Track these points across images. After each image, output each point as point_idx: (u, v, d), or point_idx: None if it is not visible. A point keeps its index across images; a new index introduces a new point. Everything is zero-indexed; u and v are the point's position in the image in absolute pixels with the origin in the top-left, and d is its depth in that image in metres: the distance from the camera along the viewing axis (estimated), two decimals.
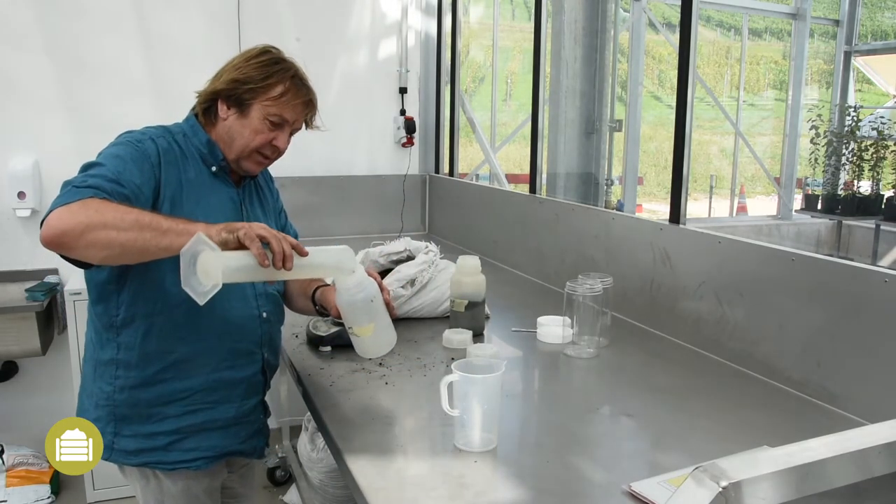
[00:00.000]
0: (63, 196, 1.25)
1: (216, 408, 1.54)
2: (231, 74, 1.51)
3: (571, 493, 1.21)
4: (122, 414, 1.49)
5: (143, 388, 1.48)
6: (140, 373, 1.48)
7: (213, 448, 1.55)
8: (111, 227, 1.23)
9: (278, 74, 1.52)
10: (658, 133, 12.48)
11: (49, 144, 3.13)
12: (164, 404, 1.49)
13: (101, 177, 1.30)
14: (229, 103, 1.52)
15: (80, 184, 1.28)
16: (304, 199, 3.53)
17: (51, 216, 1.22)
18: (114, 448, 1.50)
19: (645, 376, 1.77)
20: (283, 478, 3.16)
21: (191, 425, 1.52)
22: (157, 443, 1.50)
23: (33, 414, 3.16)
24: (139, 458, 1.51)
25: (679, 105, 2.04)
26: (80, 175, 1.32)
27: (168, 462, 1.52)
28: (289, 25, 3.49)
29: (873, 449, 0.67)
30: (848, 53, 7.22)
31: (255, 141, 1.53)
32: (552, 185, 3.44)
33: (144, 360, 1.47)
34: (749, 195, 9.49)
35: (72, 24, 3.12)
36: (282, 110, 1.52)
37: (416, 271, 2.09)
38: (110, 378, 1.49)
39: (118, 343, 1.47)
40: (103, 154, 1.39)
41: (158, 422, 1.50)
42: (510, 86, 13.39)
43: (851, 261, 1.60)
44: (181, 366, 1.49)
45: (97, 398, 1.51)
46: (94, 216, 1.22)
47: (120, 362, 1.48)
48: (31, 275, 3.12)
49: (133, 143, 1.42)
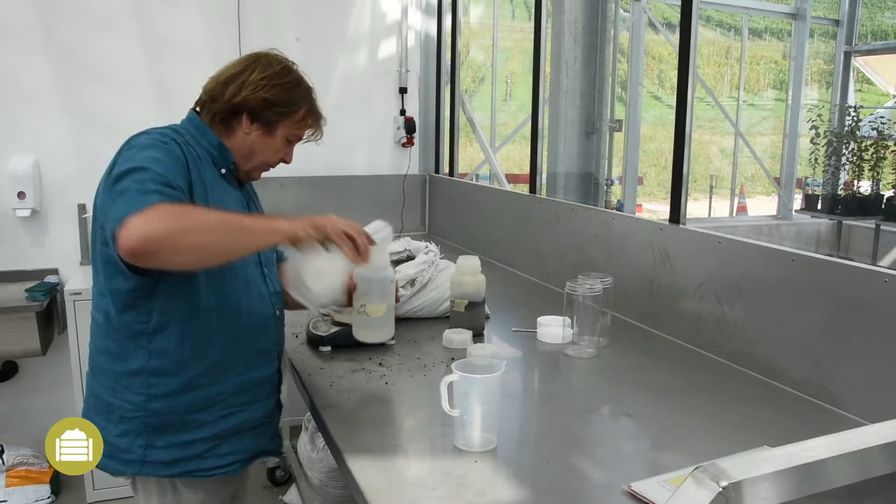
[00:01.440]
0: (130, 203, 1.21)
1: (248, 409, 1.54)
2: (260, 93, 1.51)
3: (571, 493, 1.21)
4: (154, 424, 1.44)
5: (179, 394, 1.44)
6: (176, 379, 1.44)
7: (247, 450, 1.54)
8: (198, 230, 1.24)
9: (304, 99, 1.57)
10: (658, 133, 12.48)
11: (49, 144, 3.14)
12: (200, 410, 1.46)
13: (155, 181, 1.27)
14: (255, 120, 1.53)
15: (141, 189, 1.23)
16: (304, 199, 3.53)
17: (130, 225, 1.18)
18: (146, 461, 1.44)
19: (645, 376, 1.77)
20: (283, 478, 3.16)
21: (226, 429, 1.50)
22: (193, 451, 1.46)
23: (33, 414, 3.16)
24: (175, 468, 1.46)
25: (679, 105, 2.04)
26: (131, 180, 1.27)
27: (205, 469, 1.48)
28: (289, 25, 3.49)
29: (873, 449, 0.67)
30: (848, 53, 7.22)
31: (273, 158, 1.59)
32: (552, 185, 3.44)
33: (180, 365, 1.44)
34: (749, 195, 9.49)
35: (72, 24, 3.12)
36: (300, 130, 1.59)
37: (416, 271, 2.09)
38: (140, 388, 1.43)
39: (150, 350, 1.43)
40: (140, 158, 1.32)
41: (195, 429, 1.46)
42: (510, 86, 13.39)
43: (851, 261, 1.60)
44: (215, 369, 1.47)
45: (121, 412, 1.45)
46: (178, 221, 1.22)
47: (153, 370, 1.43)
48: (31, 275, 3.12)
49: (162, 145, 1.38)
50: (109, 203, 1.29)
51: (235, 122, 1.54)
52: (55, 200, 3.17)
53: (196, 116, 1.57)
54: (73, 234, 3.18)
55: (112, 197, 1.28)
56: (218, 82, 1.54)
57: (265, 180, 1.86)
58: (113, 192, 1.28)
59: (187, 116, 1.58)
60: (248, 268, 1.53)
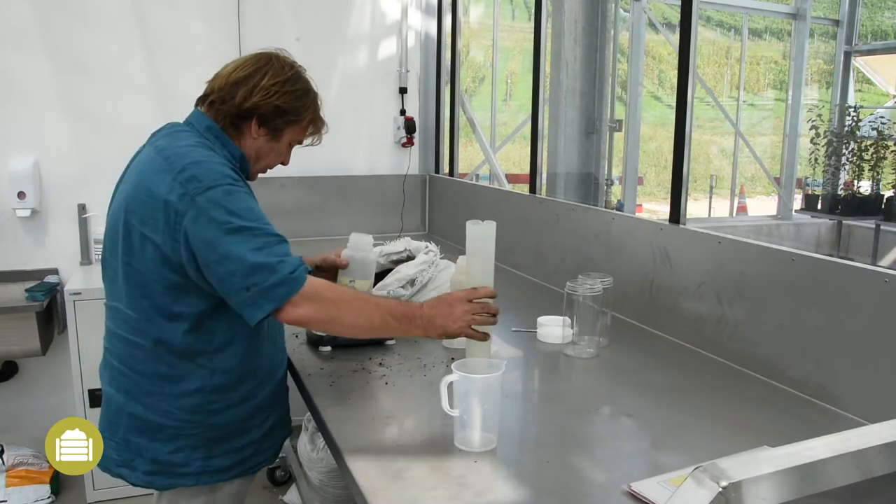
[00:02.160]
0: (284, 287, 1.34)
1: (279, 406, 1.66)
2: (272, 100, 1.52)
3: (571, 493, 1.21)
4: (214, 437, 1.51)
5: (238, 406, 1.52)
6: (236, 394, 1.52)
7: (280, 440, 1.68)
8: (348, 325, 1.43)
9: (311, 107, 1.60)
10: (658, 133, 12.49)
11: (49, 144, 3.14)
12: (253, 416, 1.56)
13: (286, 254, 1.38)
14: (263, 125, 1.55)
15: (283, 263, 1.34)
16: (304, 199, 3.54)
17: (287, 310, 1.34)
18: (205, 471, 1.51)
19: (645, 376, 1.77)
20: (283, 478, 3.16)
21: (269, 429, 1.62)
22: (246, 453, 1.57)
23: (33, 414, 3.16)
24: (233, 471, 1.55)
25: (679, 105, 2.04)
26: (261, 255, 1.34)
27: (254, 466, 1.60)
28: (289, 25, 3.49)
29: (873, 449, 0.67)
30: (848, 53, 7.22)
31: (276, 161, 1.65)
32: (552, 185, 3.44)
33: (239, 380, 1.51)
34: (749, 195, 9.50)
35: (72, 23, 3.12)
36: (303, 136, 1.64)
37: (416, 271, 2.09)
38: (200, 405, 1.48)
39: (212, 369, 1.47)
40: (240, 213, 1.37)
41: (248, 433, 1.56)
42: (510, 86, 13.39)
43: (851, 261, 1.60)
44: (265, 378, 1.58)
45: (175, 430, 1.48)
46: (334, 314, 1.40)
47: (214, 388, 1.48)
48: (31, 275, 3.12)
49: (240, 188, 1.42)
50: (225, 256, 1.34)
51: (244, 125, 1.55)
52: (55, 200, 3.17)
53: (204, 116, 1.55)
54: (73, 234, 3.18)
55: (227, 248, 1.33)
56: (228, 82, 1.53)
57: (265, 180, 1.87)
58: (228, 245, 1.33)
59: (201, 121, 1.55)
60: None
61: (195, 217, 1.35)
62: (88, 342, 2.80)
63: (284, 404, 1.71)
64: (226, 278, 1.35)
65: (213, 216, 1.35)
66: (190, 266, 1.38)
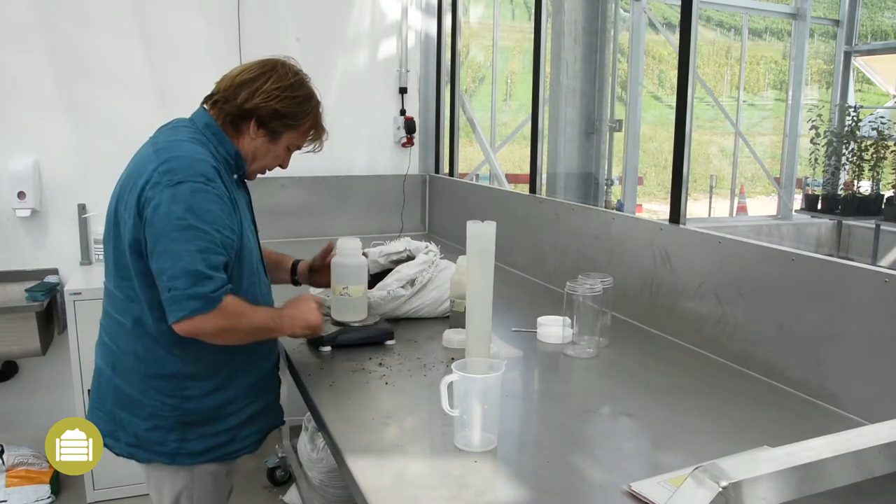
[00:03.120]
0: (199, 302, 1.40)
1: (262, 396, 1.71)
2: (272, 103, 1.58)
3: (571, 493, 1.21)
4: (187, 421, 1.57)
5: (212, 394, 1.59)
6: (210, 382, 1.58)
7: (262, 430, 1.73)
8: (241, 332, 1.52)
9: (311, 113, 1.65)
10: (658, 133, 12.49)
11: (49, 144, 3.14)
12: (228, 405, 1.62)
13: (219, 267, 1.45)
14: (262, 126, 1.61)
15: (203, 270, 1.41)
16: (304, 199, 3.54)
17: (195, 322, 1.41)
18: (179, 453, 1.58)
19: (645, 376, 1.77)
20: (283, 478, 3.16)
21: (248, 417, 1.67)
22: (222, 439, 1.62)
23: (33, 414, 3.16)
24: (207, 455, 1.61)
25: (679, 105, 2.04)
26: (193, 245, 1.41)
27: (231, 452, 1.66)
28: (289, 25, 3.49)
29: (873, 449, 0.67)
30: (848, 53, 7.21)
31: (273, 163, 1.70)
32: (552, 185, 3.44)
33: (213, 369, 1.58)
34: (749, 195, 9.49)
35: (72, 23, 3.12)
36: (302, 141, 1.70)
37: (416, 271, 2.09)
38: (174, 391, 1.55)
39: (184, 358, 1.54)
40: (198, 213, 1.43)
41: (223, 420, 1.62)
42: (510, 86, 13.39)
43: (851, 261, 1.60)
44: (242, 369, 1.64)
45: (152, 409, 1.56)
46: (231, 326, 1.48)
47: (188, 375, 1.55)
48: (31, 275, 3.12)
49: (211, 189, 1.46)
50: (166, 251, 1.41)
51: (244, 125, 1.61)
52: (55, 200, 3.17)
53: (206, 114, 1.62)
54: (73, 234, 3.18)
55: (170, 244, 1.41)
56: (233, 83, 1.60)
57: (265, 180, 1.88)
58: (172, 241, 1.40)
59: (201, 117, 1.62)
60: (259, 267, 1.69)
61: (156, 206, 1.42)
62: (88, 342, 2.78)
63: (269, 395, 1.74)
64: (158, 273, 1.43)
65: (171, 209, 1.41)
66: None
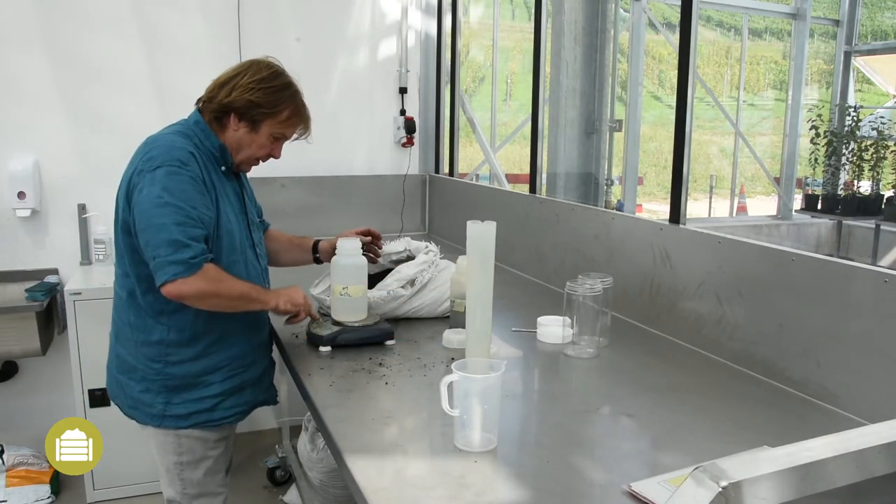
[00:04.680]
0: (181, 266, 1.55)
1: (248, 370, 1.84)
2: (246, 95, 1.72)
3: (571, 493, 1.21)
4: (173, 385, 1.73)
5: (193, 361, 1.73)
6: (190, 350, 1.72)
7: (248, 403, 1.86)
8: (222, 297, 1.64)
9: (287, 101, 1.76)
10: (658, 133, 12.49)
11: (49, 144, 3.14)
12: (210, 373, 1.76)
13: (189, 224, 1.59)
14: (241, 119, 1.75)
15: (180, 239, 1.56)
16: (304, 199, 3.53)
17: (177, 284, 1.56)
18: (165, 415, 1.74)
19: (645, 376, 1.77)
20: (283, 478, 3.16)
21: (231, 388, 1.79)
22: (204, 405, 1.76)
23: (33, 414, 3.16)
24: (190, 420, 1.75)
25: (679, 105, 2.04)
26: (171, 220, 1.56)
27: (214, 420, 1.79)
28: (289, 25, 3.49)
29: (873, 449, 0.67)
30: (848, 53, 7.22)
31: (259, 153, 1.81)
32: (552, 185, 3.44)
33: (194, 338, 1.72)
34: (749, 195, 9.49)
35: (72, 24, 3.12)
36: (285, 130, 1.80)
37: (416, 271, 2.09)
38: (159, 356, 1.72)
39: (169, 326, 1.70)
40: (173, 192, 1.59)
41: (205, 388, 1.76)
42: (510, 86, 13.39)
43: (851, 261, 1.60)
44: (223, 339, 1.76)
45: (142, 373, 1.74)
46: (212, 290, 1.61)
47: (171, 342, 1.71)
48: (31, 275, 3.12)
49: (185, 171, 1.62)
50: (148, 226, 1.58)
51: (226, 120, 1.76)
52: (55, 200, 3.17)
53: (201, 119, 1.77)
54: (73, 234, 3.18)
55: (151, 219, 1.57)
56: (216, 84, 1.77)
57: (266, 180, 1.89)
58: (151, 217, 1.57)
59: (193, 116, 1.79)
60: (247, 251, 1.82)
61: (140, 188, 1.61)
62: (88, 342, 2.80)
63: (256, 370, 1.87)
64: (144, 245, 1.61)
65: (151, 190, 1.59)
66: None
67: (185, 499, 1.83)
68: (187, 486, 1.82)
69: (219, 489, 1.89)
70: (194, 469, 1.81)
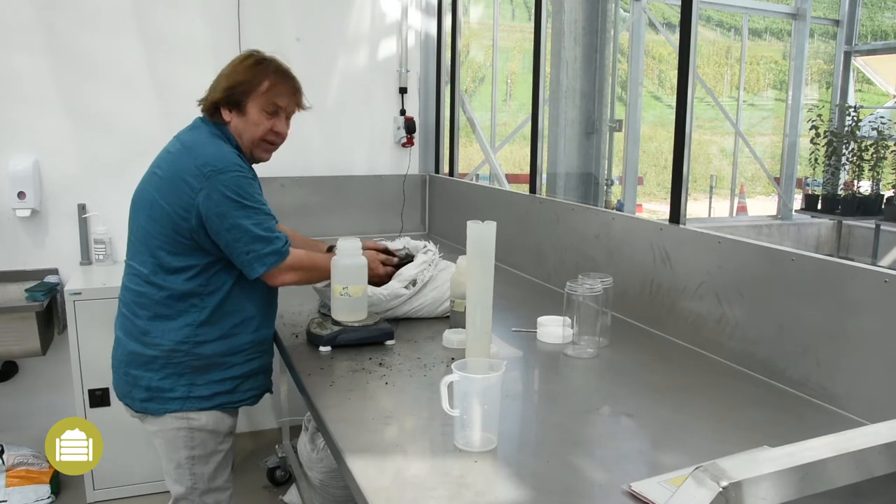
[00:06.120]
0: (275, 256, 1.74)
1: (262, 357, 1.91)
2: (223, 83, 1.80)
3: (571, 493, 1.21)
4: (198, 366, 1.78)
5: (218, 341, 1.79)
6: (217, 328, 1.78)
7: (260, 388, 1.93)
8: (306, 270, 1.86)
9: (262, 72, 1.80)
10: (658, 133, 12.49)
11: (49, 144, 3.13)
12: (233, 354, 1.82)
13: (276, 229, 1.77)
14: (229, 107, 1.80)
15: (275, 239, 1.75)
16: (304, 199, 3.53)
17: (273, 273, 1.75)
18: (189, 397, 1.78)
19: (645, 376, 1.77)
20: (283, 478, 3.16)
21: (248, 371, 1.86)
22: (226, 387, 1.82)
23: (33, 414, 3.16)
24: (213, 401, 1.81)
25: (679, 105, 2.04)
26: (254, 223, 1.71)
27: (234, 402, 1.85)
28: (289, 25, 3.49)
29: (873, 449, 0.67)
30: (848, 53, 7.22)
31: (258, 132, 1.82)
32: (552, 185, 3.44)
33: (221, 317, 1.79)
34: (749, 195, 9.49)
35: (71, 23, 3.11)
36: (273, 99, 1.81)
37: (416, 271, 2.09)
38: (188, 337, 1.76)
39: (201, 307, 1.76)
40: (243, 194, 1.71)
41: (227, 369, 1.82)
42: (510, 86, 13.40)
43: (851, 261, 1.60)
44: (245, 322, 1.82)
45: (165, 359, 1.76)
46: (300, 265, 1.82)
47: (202, 322, 1.77)
48: (31, 275, 3.12)
49: (245, 174, 1.74)
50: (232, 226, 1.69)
51: (219, 116, 1.82)
52: (55, 200, 3.17)
53: (204, 118, 1.83)
54: (73, 234, 3.18)
55: (235, 220, 1.69)
56: (208, 89, 1.83)
57: (265, 180, 1.89)
58: (235, 219, 1.69)
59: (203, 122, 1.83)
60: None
61: (208, 194, 1.67)
62: (88, 342, 2.80)
63: (267, 358, 1.94)
64: (231, 243, 1.71)
65: (225, 194, 1.68)
66: (198, 232, 1.70)
67: (194, 494, 1.85)
68: (198, 482, 1.84)
69: (226, 484, 1.91)
70: (205, 463, 1.84)
